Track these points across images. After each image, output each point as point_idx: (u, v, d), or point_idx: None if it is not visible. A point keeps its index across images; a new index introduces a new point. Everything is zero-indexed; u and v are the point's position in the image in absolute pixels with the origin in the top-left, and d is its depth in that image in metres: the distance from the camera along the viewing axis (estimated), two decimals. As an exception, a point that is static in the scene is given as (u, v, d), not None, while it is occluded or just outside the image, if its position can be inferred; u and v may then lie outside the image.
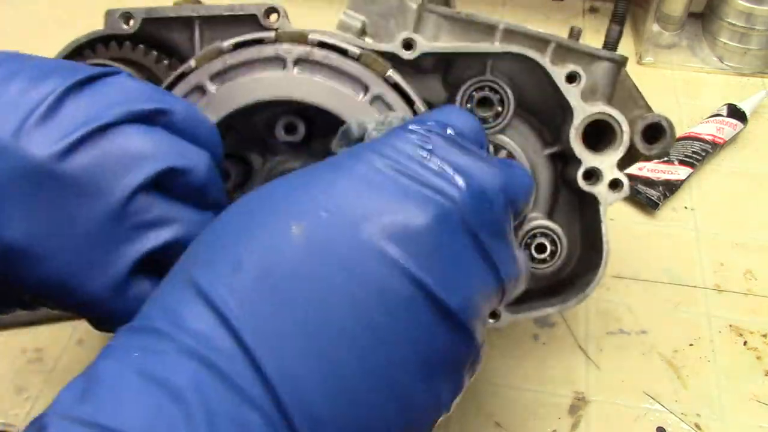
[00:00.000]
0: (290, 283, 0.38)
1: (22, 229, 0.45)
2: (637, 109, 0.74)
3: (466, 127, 0.48)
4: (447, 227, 0.41)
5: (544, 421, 0.85)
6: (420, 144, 0.44)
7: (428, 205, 0.41)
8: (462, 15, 0.71)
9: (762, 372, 0.90)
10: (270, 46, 0.62)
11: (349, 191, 0.41)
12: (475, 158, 0.45)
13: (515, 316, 0.69)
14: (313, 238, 0.40)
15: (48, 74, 0.48)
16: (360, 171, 0.42)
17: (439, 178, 0.42)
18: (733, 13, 1.29)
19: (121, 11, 0.69)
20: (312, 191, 0.42)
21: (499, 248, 0.44)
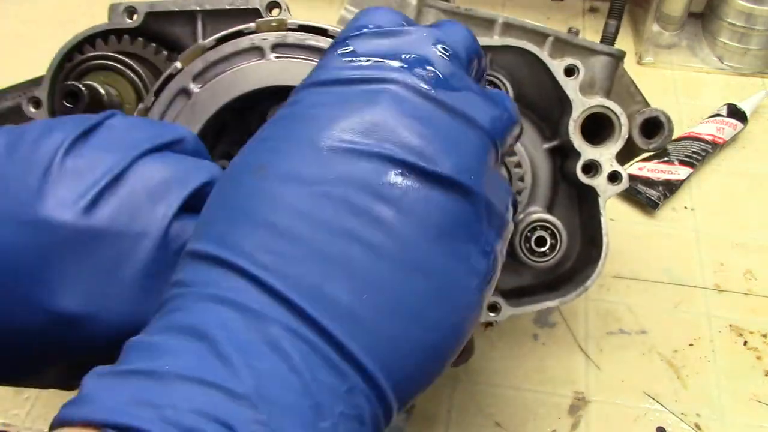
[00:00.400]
0: (275, 215, 0.39)
1: (75, 295, 0.45)
2: (635, 104, 0.74)
3: (383, 18, 0.47)
4: (401, 104, 0.41)
5: (544, 421, 0.84)
6: (342, 51, 0.44)
7: (372, 95, 0.41)
8: (461, 9, 0.71)
9: (762, 372, 0.90)
10: (245, 38, 0.62)
11: (297, 118, 0.42)
12: (398, 35, 0.44)
13: (515, 309, 0.69)
14: (277, 169, 0.40)
15: (52, 131, 0.48)
16: (302, 100, 0.43)
17: (370, 69, 0.42)
18: (733, 13, 1.29)
19: (124, 6, 0.69)
20: (266, 135, 0.43)
21: (463, 98, 0.43)
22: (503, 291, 0.74)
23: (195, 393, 0.33)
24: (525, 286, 0.75)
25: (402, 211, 0.39)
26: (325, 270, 0.38)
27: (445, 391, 0.87)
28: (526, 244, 0.71)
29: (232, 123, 0.67)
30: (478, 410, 0.85)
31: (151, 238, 0.46)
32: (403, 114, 0.41)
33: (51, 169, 0.45)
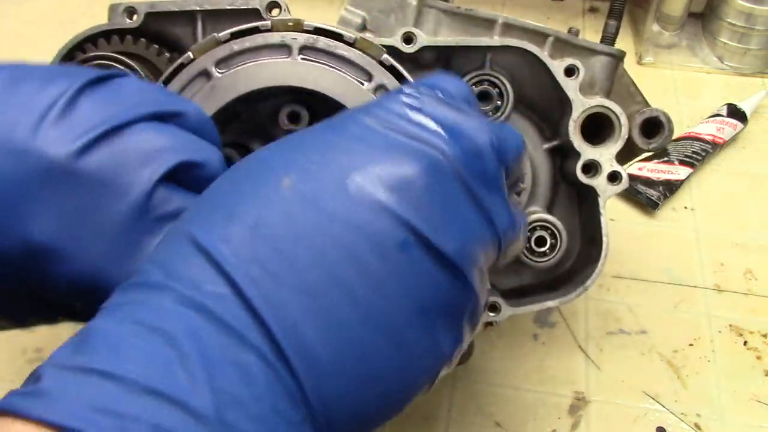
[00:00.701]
0: (282, 231, 0.39)
1: (49, 229, 0.45)
2: (635, 104, 0.74)
3: (455, 90, 0.49)
4: (438, 176, 0.42)
5: (544, 421, 0.84)
6: (409, 102, 0.45)
7: (417, 155, 0.42)
8: (461, 10, 0.71)
9: (762, 372, 0.90)
10: (275, 33, 0.62)
11: (339, 145, 0.42)
12: (464, 114, 0.46)
13: (515, 309, 0.69)
14: (302, 188, 0.40)
15: (57, 76, 0.48)
16: (350, 128, 0.43)
17: (428, 132, 0.43)
18: (733, 13, 1.29)
19: (124, 6, 0.69)
20: (302, 147, 0.43)
21: (492, 199, 0.45)
22: (503, 291, 0.74)
23: (157, 408, 0.33)
24: (525, 286, 0.75)
25: (397, 275, 0.40)
26: (307, 306, 0.38)
27: (445, 391, 0.87)
28: (526, 244, 0.71)
29: (243, 113, 0.67)
30: (478, 410, 0.85)
31: (133, 195, 0.47)
32: (437, 185, 0.42)
33: (50, 112, 0.46)
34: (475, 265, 0.43)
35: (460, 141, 0.44)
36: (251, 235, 0.39)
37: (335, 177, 0.41)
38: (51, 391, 0.33)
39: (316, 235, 0.39)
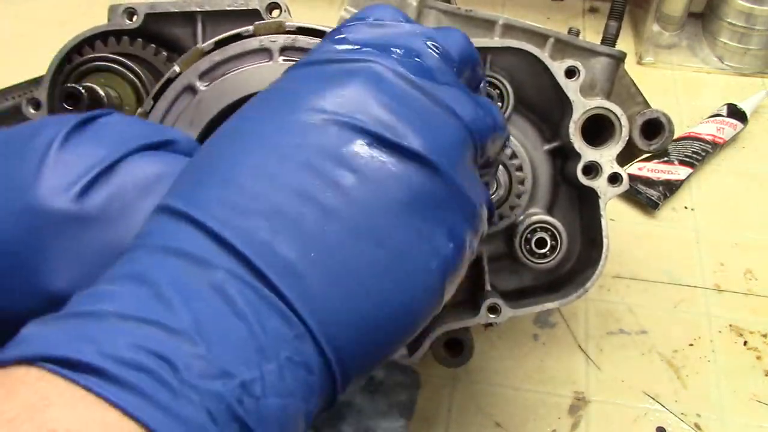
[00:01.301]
0: (244, 170, 0.40)
1: (69, 276, 0.46)
2: (636, 105, 0.74)
3: (389, 15, 0.49)
4: (380, 83, 0.42)
5: (544, 421, 0.84)
6: (336, 38, 0.46)
7: (352, 73, 0.43)
8: (462, 11, 0.71)
9: (762, 372, 0.90)
10: (254, 39, 0.62)
11: (287, 90, 0.43)
12: (393, 28, 0.46)
13: (516, 311, 0.69)
14: (258, 129, 0.42)
15: (43, 127, 0.48)
16: (292, 75, 0.45)
17: (358, 53, 0.44)
18: (733, 13, 1.29)
19: (124, 6, 0.69)
20: (257, 105, 0.44)
21: (446, 92, 0.44)
22: (503, 292, 0.74)
23: (133, 330, 0.33)
24: (525, 288, 0.75)
25: (363, 178, 0.40)
26: (276, 226, 0.38)
27: (445, 391, 0.87)
28: (527, 246, 0.71)
29: None
30: (478, 410, 0.85)
31: (138, 228, 0.47)
32: (380, 91, 0.42)
33: (46, 160, 0.46)
34: (450, 155, 0.43)
35: (390, 48, 0.44)
36: (214, 186, 0.40)
37: (280, 115, 0.42)
38: (28, 335, 0.34)
39: (274, 166, 0.40)
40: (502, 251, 0.74)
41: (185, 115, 0.61)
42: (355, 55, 0.44)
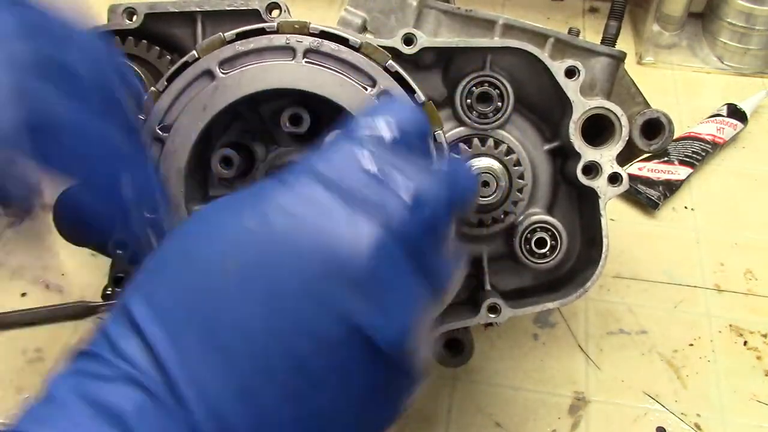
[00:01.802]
0: (213, 308, 0.38)
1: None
2: (636, 105, 0.74)
3: (409, 125, 0.46)
4: (386, 256, 0.40)
5: (544, 421, 0.84)
6: (364, 161, 0.42)
7: (362, 231, 0.40)
8: (462, 11, 0.71)
9: (762, 372, 0.90)
10: (281, 36, 0.62)
11: (279, 212, 0.40)
12: (424, 170, 0.43)
13: (516, 310, 0.69)
14: (241, 259, 0.39)
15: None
16: (288, 196, 0.41)
17: (379, 198, 0.41)
18: (733, 13, 1.29)
19: (124, 6, 0.69)
20: (243, 211, 0.41)
21: (437, 261, 0.43)
22: (503, 292, 0.74)
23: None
24: (525, 287, 0.75)
25: (335, 371, 0.39)
26: (232, 390, 0.38)
27: (445, 391, 0.87)
28: (527, 246, 0.71)
29: (246, 114, 0.67)
30: (478, 410, 0.85)
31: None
32: (383, 265, 0.40)
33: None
34: (415, 338, 0.41)
35: (419, 208, 0.41)
36: (183, 311, 0.39)
37: (274, 249, 0.39)
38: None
39: (248, 318, 0.38)
40: (502, 251, 0.74)
41: (199, 99, 0.61)
42: (376, 202, 0.41)
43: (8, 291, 0.96)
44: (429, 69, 0.72)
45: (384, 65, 0.62)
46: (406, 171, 0.43)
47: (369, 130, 0.44)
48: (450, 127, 0.71)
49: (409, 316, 0.41)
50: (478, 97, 0.70)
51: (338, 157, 0.43)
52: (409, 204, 0.41)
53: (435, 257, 0.43)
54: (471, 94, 0.70)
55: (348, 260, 0.39)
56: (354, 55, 0.62)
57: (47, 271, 0.98)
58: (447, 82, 0.72)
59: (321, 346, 0.38)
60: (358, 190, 0.41)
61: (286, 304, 0.38)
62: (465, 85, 0.70)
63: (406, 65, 0.65)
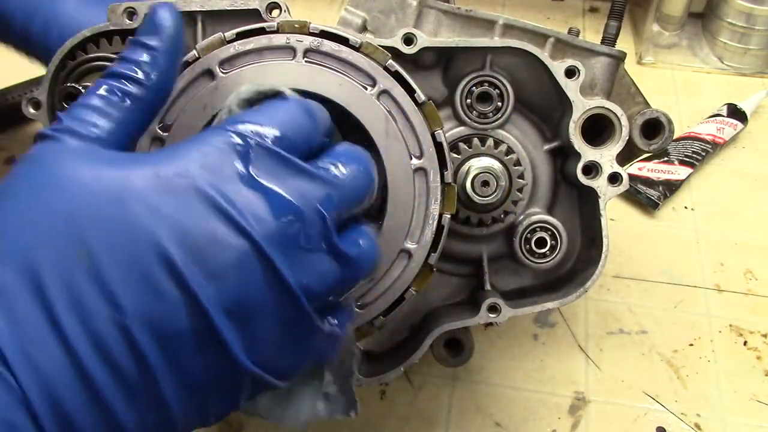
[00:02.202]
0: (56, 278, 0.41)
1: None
2: (636, 105, 0.74)
3: (292, 129, 0.48)
4: (247, 271, 0.43)
5: (544, 421, 0.85)
6: (237, 165, 0.45)
7: (228, 244, 0.43)
8: (462, 10, 0.71)
9: (762, 372, 0.90)
10: (281, 35, 0.61)
11: (141, 200, 0.43)
12: (294, 175, 0.46)
13: (516, 310, 0.69)
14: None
15: None
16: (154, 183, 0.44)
17: (244, 208, 0.44)
18: (733, 13, 1.29)
19: (124, 6, 0.69)
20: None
21: (302, 266, 0.45)
22: (503, 292, 0.74)
23: None
24: (525, 287, 0.75)
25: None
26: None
27: (445, 391, 0.87)
28: (527, 246, 0.71)
29: None
30: (478, 410, 0.85)
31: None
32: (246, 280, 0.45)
33: None
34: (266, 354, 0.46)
35: (280, 216, 0.45)
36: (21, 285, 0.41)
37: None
38: None
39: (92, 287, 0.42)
40: (502, 251, 0.74)
41: (199, 99, 0.61)
42: (241, 212, 0.44)
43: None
44: (429, 69, 0.72)
45: (384, 65, 0.62)
46: (275, 182, 0.45)
47: (252, 127, 0.47)
48: (450, 127, 0.71)
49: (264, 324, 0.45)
50: (478, 97, 0.70)
51: (214, 153, 0.45)
52: (270, 219, 0.44)
53: (300, 270, 0.45)
54: (471, 93, 0.70)
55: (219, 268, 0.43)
56: (354, 55, 0.61)
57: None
58: (447, 82, 0.72)
59: (160, 335, 0.42)
60: (226, 196, 0.44)
61: (130, 286, 0.41)
62: (465, 85, 0.70)
63: (406, 65, 0.65)
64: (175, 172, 0.43)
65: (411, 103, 0.62)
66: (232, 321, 0.43)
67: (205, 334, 0.43)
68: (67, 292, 0.41)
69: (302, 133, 0.49)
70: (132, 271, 0.41)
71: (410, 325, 0.74)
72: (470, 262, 0.75)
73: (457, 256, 0.74)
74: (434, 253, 0.62)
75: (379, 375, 0.70)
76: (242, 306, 0.43)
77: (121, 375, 0.41)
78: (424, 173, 0.61)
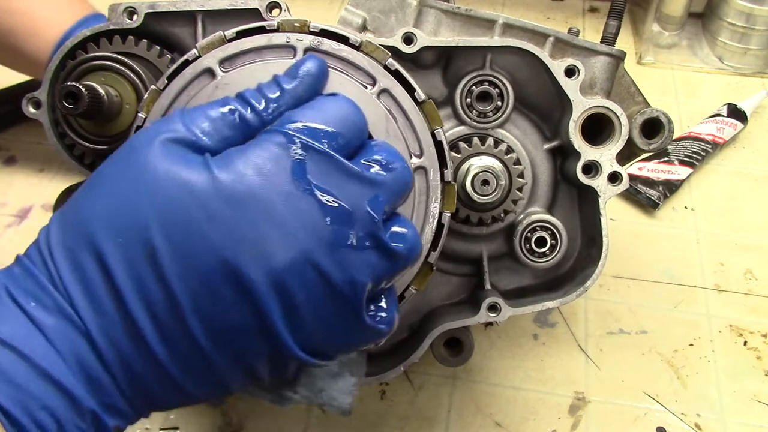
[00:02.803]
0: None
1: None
2: (636, 104, 0.74)
3: (343, 128, 0.50)
4: (299, 271, 0.47)
5: (544, 421, 0.84)
6: (291, 169, 0.47)
7: (281, 248, 0.46)
8: (462, 10, 0.71)
9: (762, 372, 0.90)
10: (281, 34, 0.61)
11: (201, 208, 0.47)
12: (342, 178, 0.48)
13: (515, 310, 0.69)
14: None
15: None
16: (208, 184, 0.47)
17: (296, 214, 0.46)
18: (733, 13, 1.29)
19: (124, 6, 0.69)
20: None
21: (352, 265, 0.48)
22: (503, 291, 0.74)
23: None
24: (525, 287, 0.75)
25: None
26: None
27: (445, 391, 0.87)
28: (526, 245, 0.71)
29: None
30: (478, 410, 0.85)
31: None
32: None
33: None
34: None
35: (332, 221, 0.47)
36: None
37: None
38: None
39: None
40: (502, 250, 0.74)
41: (199, 97, 0.61)
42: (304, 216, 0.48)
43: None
44: (429, 68, 0.72)
45: (384, 64, 0.62)
46: (332, 180, 0.48)
47: (305, 126, 0.49)
48: (450, 126, 0.71)
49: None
50: (478, 96, 0.70)
51: (269, 158, 0.48)
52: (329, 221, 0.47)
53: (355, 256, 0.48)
54: (471, 93, 0.70)
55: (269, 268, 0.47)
56: (354, 54, 0.61)
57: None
58: (447, 81, 0.72)
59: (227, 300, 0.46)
60: (280, 202, 0.47)
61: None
62: (465, 84, 0.70)
63: (406, 64, 0.65)
64: (233, 178, 0.46)
65: (411, 102, 0.62)
66: (286, 317, 0.47)
67: (259, 327, 0.47)
68: (132, 281, 0.46)
69: (352, 131, 0.51)
70: (189, 269, 0.45)
71: (410, 325, 0.74)
72: (470, 262, 0.75)
73: (457, 256, 0.74)
74: (434, 252, 0.62)
75: (379, 375, 0.70)
76: (295, 303, 0.47)
77: (179, 351, 0.47)
78: (424, 172, 0.61)
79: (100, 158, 0.69)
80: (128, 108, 0.67)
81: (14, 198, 1.09)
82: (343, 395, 0.58)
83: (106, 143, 0.68)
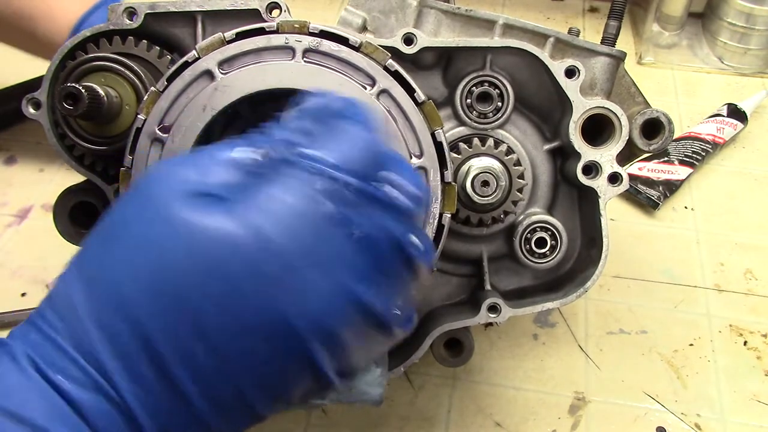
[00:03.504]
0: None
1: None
2: (636, 105, 0.74)
3: (362, 159, 0.49)
4: (338, 305, 0.46)
5: (544, 421, 0.84)
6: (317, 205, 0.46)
7: (316, 287, 0.45)
8: (462, 10, 0.71)
9: (762, 372, 0.90)
10: (280, 35, 0.61)
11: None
12: (367, 207, 0.47)
13: (515, 310, 0.69)
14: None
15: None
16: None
17: (329, 253, 0.46)
18: (733, 13, 1.29)
19: (124, 6, 0.69)
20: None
21: (384, 290, 0.48)
22: (503, 292, 0.74)
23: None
24: (525, 287, 0.75)
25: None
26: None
27: (445, 391, 0.87)
28: (527, 246, 0.71)
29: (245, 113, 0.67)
30: (478, 410, 0.85)
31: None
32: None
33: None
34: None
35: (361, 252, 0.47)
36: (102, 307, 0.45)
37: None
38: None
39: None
40: (502, 251, 0.74)
41: (199, 100, 0.61)
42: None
43: (8, 291, 0.96)
44: (429, 69, 0.72)
45: (384, 64, 0.62)
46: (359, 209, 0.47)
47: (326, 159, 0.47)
48: (450, 127, 0.71)
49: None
50: (478, 97, 0.70)
51: (296, 197, 0.46)
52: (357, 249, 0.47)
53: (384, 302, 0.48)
54: (471, 93, 0.70)
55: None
56: (354, 55, 0.61)
57: (47, 271, 0.98)
58: (447, 82, 0.72)
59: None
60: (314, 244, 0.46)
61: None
62: (465, 85, 0.70)
63: (406, 65, 0.65)
64: (263, 221, 0.44)
65: (411, 103, 0.62)
66: (330, 356, 0.46)
67: (302, 368, 0.46)
68: (177, 350, 0.44)
69: (371, 157, 0.49)
70: (238, 329, 0.44)
71: (410, 325, 0.74)
72: (470, 262, 0.75)
73: (457, 256, 0.74)
74: (435, 253, 0.62)
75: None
76: (339, 341, 0.47)
77: (222, 408, 0.46)
78: (424, 172, 0.61)
79: (100, 159, 0.69)
80: (128, 109, 0.67)
81: (14, 198, 1.09)
82: (373, 387, 0.59)
83: (106, 144, 0.68)
